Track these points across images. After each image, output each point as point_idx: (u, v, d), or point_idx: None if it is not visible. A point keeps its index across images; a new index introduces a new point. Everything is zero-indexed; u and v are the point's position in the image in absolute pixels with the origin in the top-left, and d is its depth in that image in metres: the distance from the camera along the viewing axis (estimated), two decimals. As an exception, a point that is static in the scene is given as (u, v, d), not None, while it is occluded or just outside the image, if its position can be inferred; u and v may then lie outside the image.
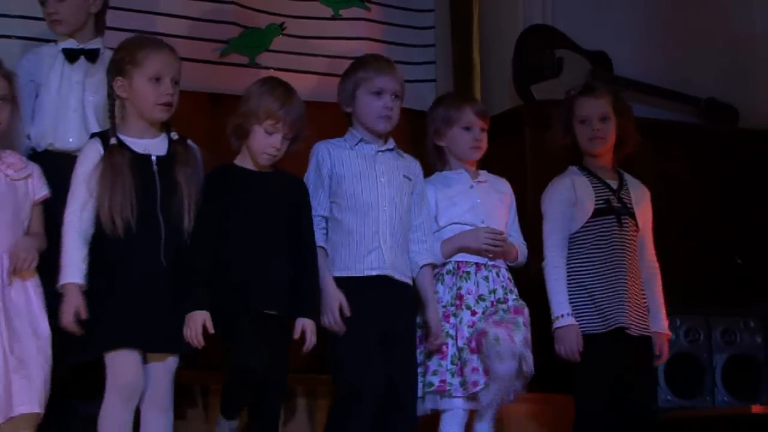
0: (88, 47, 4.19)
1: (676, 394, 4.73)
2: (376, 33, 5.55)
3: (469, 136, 4.27)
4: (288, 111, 3.87)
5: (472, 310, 4.13)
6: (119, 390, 3.69)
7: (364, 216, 4.01)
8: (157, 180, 3.79)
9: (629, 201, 4.41)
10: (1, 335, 3.62)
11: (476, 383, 4.04)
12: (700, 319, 4.78)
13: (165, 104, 3.79)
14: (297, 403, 4.23)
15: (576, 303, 4.28)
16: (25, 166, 3.80)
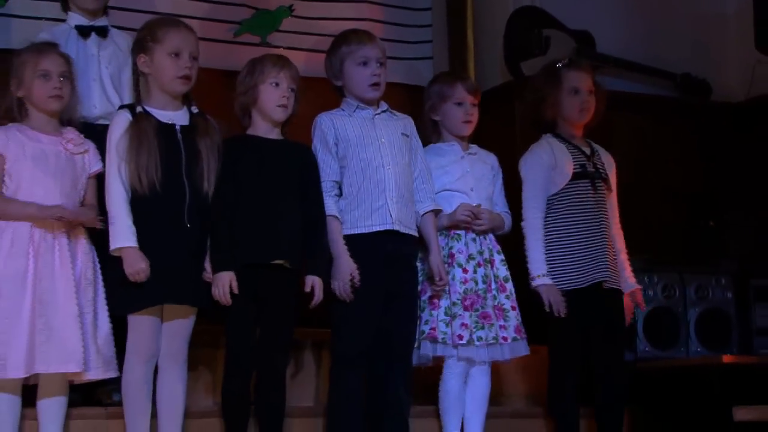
0: (97, 24, 4.19)
1: (654, 345, 4.71)
2: (377, 14, 5.56)
3: (461, 111, 4.26)
4: (283, 63, 3.96)
5: (463, 268, 4.16)
6: (139, 352, 3.73)
7: (370, 175, 4.02)
8: (181, 146, 3.81)
9: (602, 166, 4.41)
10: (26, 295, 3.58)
11: (461, 336, 4.07)
12: (676, 277, 4.77)
13: (184, 77, 3.81)
14: (305, 354, 4.21)
15: (556, 260, 4.28)
16: (83, 142, 3.80)
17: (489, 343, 4.11)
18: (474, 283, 4.14)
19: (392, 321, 4.00)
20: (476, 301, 4.12)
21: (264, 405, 3.89)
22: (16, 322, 3.56)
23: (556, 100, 4.36)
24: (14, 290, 3.58)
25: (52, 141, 3.74)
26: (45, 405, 3.65)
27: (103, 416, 3.84)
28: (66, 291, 3.61)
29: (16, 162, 3.68)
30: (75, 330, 3.58)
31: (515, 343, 4.16)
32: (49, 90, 3.73)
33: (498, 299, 4.17)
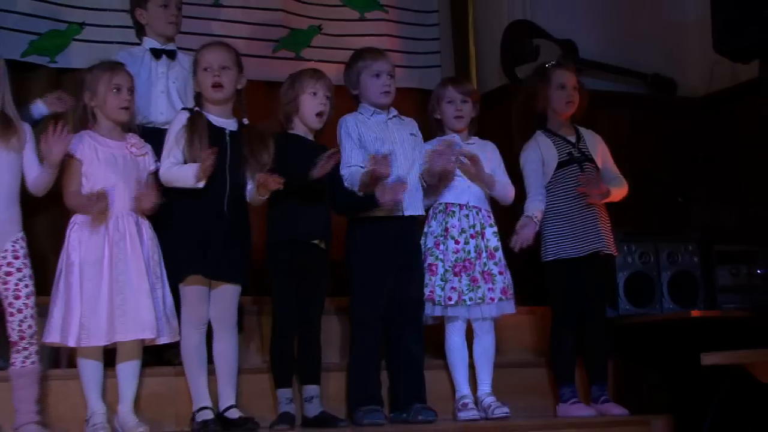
0: (167, 48, 4.22)
1: (633, 304, 4.70)
2: (393, 30, 5.54)
3: (452, 108, 4.26)
4: (319, 75, 4.01)
5: (455, 240, 4.16)
6: (191, 320, 3.76)
7: None
8: (228, 147, 3.81)
9: (587, 150, 4.43)
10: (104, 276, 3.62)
11: (450, 298, 4.11)
12: (651, 245, 4.75)
13: (215, 85, 3.81)
14: (329, 319, 4.20)
15: (556, 235, 4.31)
16: (143, 145, 3.83)
17: (477, 303, 4.13)
18: (465, 252, 4.16)
19: (403, 288, 4.04)
20: (467, 267, 4.14)
21: (305, 360, 3.93)
22: (98, 299, 3.58)
23: (546, 95, 4.39)
24: (94, 273, 3.61)
25: (119, 145, 3.77)
26: (123, 367, 3.68)
27: (172, 374, 3.86)
28: (138, 271, 3.64)
29: (91, 165, 3.71)
30: (148, 304, 3.62)
31: (501, 302, 4.17)
32: (120, 102, 3.75)
33: (487, 266, 4.17)
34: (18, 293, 3.58)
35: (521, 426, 4.02)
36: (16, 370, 3.57)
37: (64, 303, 3.60)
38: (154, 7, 4.20)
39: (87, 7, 4.85)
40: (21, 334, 3.57)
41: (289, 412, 3.84)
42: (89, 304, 3.58)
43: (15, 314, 3.57)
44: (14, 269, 3.58)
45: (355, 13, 5.49)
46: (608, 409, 4.24)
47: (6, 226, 3.60)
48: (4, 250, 3.58)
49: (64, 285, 3.61)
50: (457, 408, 4.15)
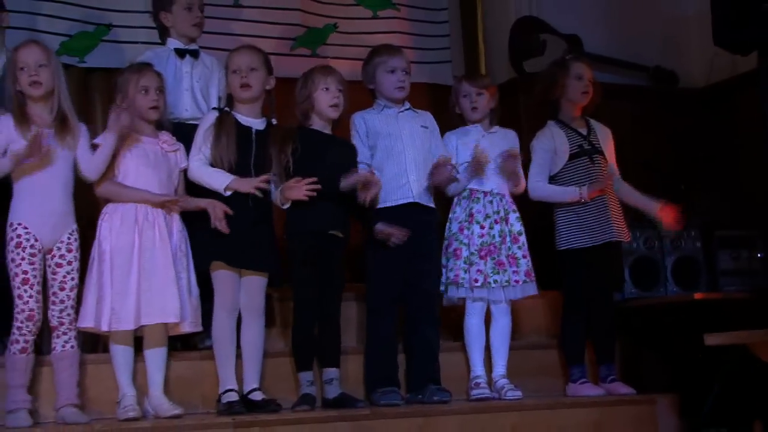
0: (190, 48, 4.21)
1: (638, 287, 4.68)
2: (404, 28, 5.53)
3: (468, 101, 4.26)
4: (329, 71, 3.99)
5: (480, 224, 4.16)
6: (224, 305, 3.76)
7: (395, 159, 4.05)
8: (253, 144, 3.83)
9: (597, 142, 4.40)
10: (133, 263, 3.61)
11: (477, 280, 4.10)
12: (655, 232, 4.73)
13: (243, 86, 3.83)
14: (349, 304, 4.19)
15: (568, 225, 4.30)
16: (175, 143, 3.82)
17: (503, 285, 4.13)
18: (490, 237, 4.15)
19: (417, 276, 4.04)
20: (492, 251, 4.14)
21: (325, 344, 3.93)
22: (127, 286, 3.59)
23: (564, 83, 4.38)
24: (124, 260, 3.61)
25: (151, 142, 3.77)
26: (150, 354, 3.69)
27: (198, 358, 3.88)
28: (164, 260, 3.64)
29: (124, 159, 3.71)
30: (173, 290, 3.61)
31: (525, 285, 4.18)
32: (149, 102, 3.75)
33: (511, 249, 4.17)
34: (64, 285, 3.59)
35: (532, 404, 4.00)
36: (56, 354, 3.59)
37: (96, 290, 3.60)
38: (179, 10, 4.19)
39: (114, 9, 4.88)
40: (60, 320, 3.59)
41: (309, 394, 3.84)
42: (119, 290, 3.59)
43: (57, 303, 3.59)
44: (65, 262, 3.60)
45: (368, 11, 5.48)
46: (616, 388, 4.23)
47: (64, 218, 3.61)
48: (59, 242, 3.59)
49: (97, 272, 3.62)
50: (470, 387, 4.15)
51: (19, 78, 3.56)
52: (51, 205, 3.57)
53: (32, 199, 3.55)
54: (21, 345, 3.51)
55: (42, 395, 3.62)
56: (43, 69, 3.57)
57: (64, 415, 3.53)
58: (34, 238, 3.53)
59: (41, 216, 3.55)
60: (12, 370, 3.50)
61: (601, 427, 3.98)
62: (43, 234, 3.55)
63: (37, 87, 3.56)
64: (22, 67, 3.56)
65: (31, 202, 3.55)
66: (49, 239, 3.57)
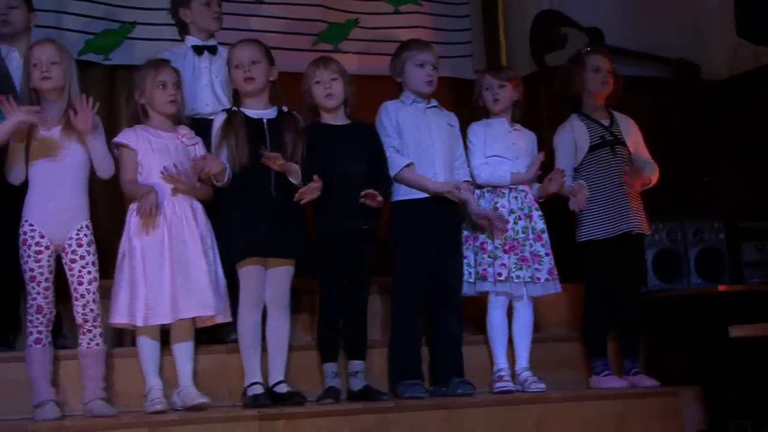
0: (208, 44, 4.22)
1: (661, 280, 4.66)
2: (426, 22, 5.51)
3: (490, 93, 4.26)
4: (319, 62, 3.98)
5: (505, 219, 4.13)
6: (249, 299, 3.76)
7: (422, 153, 4.04)
8: (267, 135, 3.82)
9: (620, 133, 4.38)
10: (165, 258, 3.63)
11: (500, 275, 4.10)
12: (678, 224, 4.71)
13: (246, 79, 3.84)
14: (373, 298, 4.19)
15: (590, 215, 4.26)
16: (193, 137, 3.84)
17: (526, 282, 4.13)
18: (514, 232, 4.14)
19: (441, 269, 4.03)
20: (516, 246, 4.13)
21: (351, 337, 3.93)
22: (161, 280, 3.60)
23: (582, 78, 4.37)
24: (156, 255, 3.62)
25: (170, 136, 3.78)
26: (178, 347, 3.70)
27: (224, 351, 3.88)
28: (196, 253, 3.65)
29: (145, 155, 3.72)
30: (207, 283, 3.63)
31: (547, 282, 4.17)
32: (167, 96, 3.77)
33: (534, 247, 4.16)
34: (81, 279, 3.60)
35: (555, 397, 3.99)
36: (82, 351, 3.61)
37: (128, 286, 3.62)
38: (197, 6, 4.20)
39: (138, 7, 4.91)
40: (85, 317, 3.60)
41: (334, 387, 3.85)
42: (153, 285, 3.60)
43: (79, 299, 3.60)
44: (78, 257, 3.60)
45: (390, 6, 5.47)
46: (639, 381, 4.21)
47: (73, 214, 3.62)
48: (69, 238, 3.60)
49: (128, 269, 3.63)
50: (493, 380, 4.14)
51: (32, 74, 3.58)
52: (56, 201, 3.58)
53: (41, 196, 3.57)
54: (35, 336, 3.53)
55: (69, 389, 3.65)
56: (55, 66, 3.59)
57: (92, 408, 3.55)
58: (39, 234, 3.55)
59: (46, 213, 3.56)
60: (30, 362, 3.54)
61: (625, 419, 3.96)
62: (49, 231, 3.56)
63: (47, 81, 3.58)
64: (35, 64, 3.58)
65: (37, 199, 3.57)
66: (56, 236, 3.58)
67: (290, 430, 3.50)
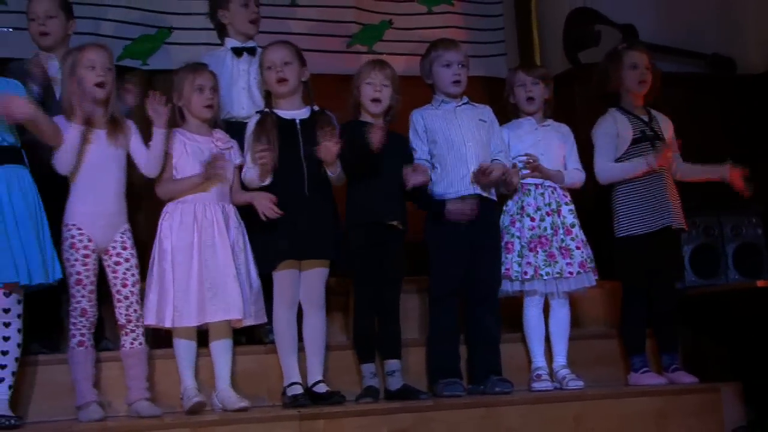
0: (248, 45, 4.22)
1: (699, 276, 4.62)
2: (459, 22, 5.50)
3: (523, 91, 4.22)
4: (375, 65, 4.02)
5: (531, 217, 4.12)
6: (283, 300, 3.76)
7: (455, 152, 4.02)
8: (299, 135, 3.81)
9: (659, 130, 4.33)
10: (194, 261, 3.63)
11: (526, 273, 4.07)
12: (715, 219, 4.67)
13: (279, 80, 3.83)
14: (409, 297, 4.19)
15: (629, 210, 4.23)
16: (228, 140, 3.84)
17: (555, 277, 4.08)
18: (541, 229, 4.11)
19: (479, 267, 4.01)
20: (543, 243, 4.09)
21: (386, 337, 3.92)
22: (188, 283, 3.62)
23: (619, 76, 4.31)
24: (185, 258, 3.64)
25: (205, 140, 3.80)
26: (215, 346, 3.71)
27: (263, 351, 3.89)
28: (225, 256, 3.65)
29: (180, 158, 3.74)
30: (235, 287, 3.63)
31: (579, 276, 4.12)
32: (204, 100, 3.78)
33: (564, 242, 4.12)
34: (125, 281, 3.63)
35: (595, 394, 3.95)
36: (125, 351, 3.64)
37: (158, 287, 3.64)
38: (236, 7, 4.22)
39: (175, 12, 4.94)
40: (128, 317, 3.63)
41: (373, 386, 3.85)
42: (181, 288, 3.62)
43: (122, 301, 3.63)
44: (122, 259, 3.63)
45: (423, 7, 5.47)
46: (679, 377, 4.17)
47: (116, 218, 3.65)
48: (113, 241, 3.62)
49: (158, 271, 3.66)
50: (532, 379, 4.12)
51: (85, 76, 3.59)
52: (103, 205, 3.61)
53: (85, 200, 3.60)
54: (78, 339, 3.56)
55: (112, 390, 3.67)
56: (110, 72, 3.62)
57: (138, 408, 3.57)
58: (87, 239, 3.58)
59: (94, 217, 3.59)
60: (73, 364, 3.56)
61: (665, 416, 3.92)
62: (96, 234, 3.59)
63: (102, 88, 3.60)
64: (93, 66, 3.59)
65: (84, 203, 3.60)
66: (102, 239, 3.61)
67: (330, 429, 3.50)
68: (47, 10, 3.92)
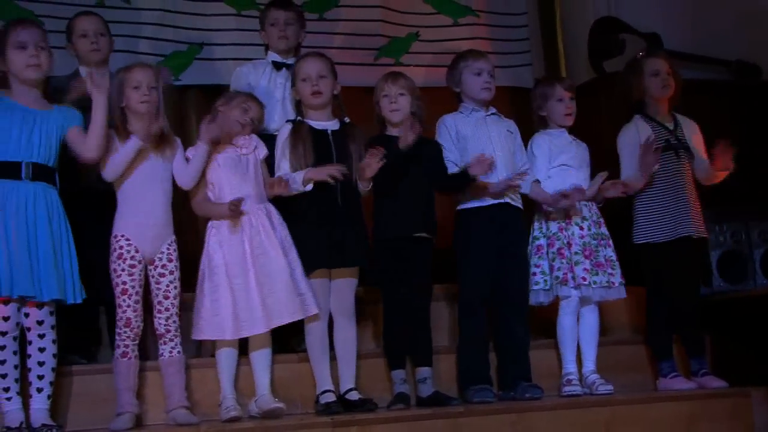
0: (287, 61, 4.26)
1: (727, 281, 4.60)
2: (485, 33, 5.52)
3: (563, 106, 4.21)
4: (389, 77, 4.01)
5: (580, 226, 4.13)
6: None
7: None
8: (332, 146, 3.85)
9: (683, 137, 4.31)
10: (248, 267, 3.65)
11: (585, 279, 4.07)
12: (742, 225, 4.65)
13: (314, 93, 3.86)
14: (440, 305, 4.22)
15: (649, 218, 4.22)
16: (248, 141, 3.85)
17: (602, 286, 4.09)
18: (591, 238, 4.12)
19: (506, 275, 4.01)
20: (592, 252, 4.10)
21: (416, 344, 3.92)
22: (248, 292, 3.63)
23: (641, 84, 4.30)
24: (241, 270, 3.65)
25: (232, 149, 3.81)
26: (256, 356, 3.73)
27: (296, 360, 3.90)
28: (278, 261, 3.67)
29: (214, 171, 3.78)
30: (292, 289, 3.66)
31: (621, 287, 4.14)
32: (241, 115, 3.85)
33: (606, 252, 4.13)
34: (167, 293, 3.66)
35: (625, 399, 3.94)
36: (164, 360, 3.66)
37: (210, 303, 3.65)
38: (267, 26, 4.30)
39: (206, 29, 4.98)
40: (167, 327, 3.66)
41: (403, 392, 3.85)
42: (242, 298, 3.62)
43: (162, 312, 3.66)
44: (167, 271, 3.67)
45: (449, 19, 5.49)
46: (708, 382, 4.14)
47: (163, 230, 3.68)
48: (160, 252, 3.67)
49: (209, 286, 3.67)
50: (562, 384, 4.11)
51: (130, 95, 3.65)
52: (151, 217, 3.65)
53: (134, 211, 3.64)
54: (122, 350, 3.60)
55: (150, 399, 3.70)
56: (154, 90, 3.68)
57: (175, 416, 3.61)
58: (135, 249, 3.62)
59: (142, 228, 3.63)
60: (116, 373, 3.60)
61: (695, 420, 3.91)
62: (143, 245, 3.63)
63: (147, 105, 3.66)
64: (137, 86, 3.65)
65: (132, 214, 3.64)
66: (149, 250, 3.65)
67: (362, 436, 3.52)
68: (98, 29, 4.05)
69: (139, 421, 3.62)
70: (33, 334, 3.43)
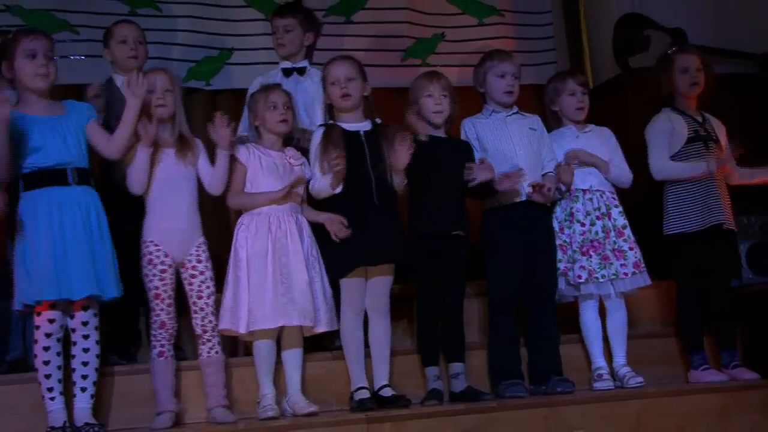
0: (297, 66, 4.29)
1: (756, 273, 4.57)
2: (510, 32, 5.53)
3: (574, 100, 4.20)
4: (432, 77, 4.02)
5: (581, 223, 4.11)
6: (351, 307, 3.79)
7: (506, 162, 4.02)
8: (365, 146, 3.86)
9: (713, 131, 4.29)
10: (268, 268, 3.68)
11: (580, 277, 4.06)
12: (772, 217, 4.62)
13: (343, 96, 3.87)
14: (470, 301, 4.21)
15: (680, 208, 4.21)
16: (300, 158, 3.88)
17: (611, 279, 4.07)
18: (592, 233, 4.09)
19: (535, 271, 4.01)
20: (597, 246, 4.08)
21: (449, 340, 3.94)
22: (263, 288, 3.66)
23: (671, 80, 4.29)
24: (260, 265, 3.68)
25: (279, 156, 3.85)
26: (287, 355, 3.75)
27: (330, 358, 3.92)
28: (297, 265, 3.69)
29: (255, 171, 3.80)
30: (307, 295, 3.67)
31: (634, 276, 4.10)
32: (277, 116, 3.84)
33: (617, 243, 4.10)
34: (201, 293, 3.71)
35: (656, 392, 3.93)
36: (203, 360, 3.71)
37: (232, 294, 3.70)
38: (272, 35, 4.35)
39: (235, 34, 5.02)
40: (204, 328, 3.70)
41: (437, 389, 3.86)
42: (256, 293, 3.66)
43: (198, 312, 3.70)
44: (198, 272, 3.71)
45: (474, 19, 5.50)
46: (740, 374, 4.12)
47: (190, 233, 3.72)
48: (189, 255, 3.71)
49: (233, 278, 3.72)
50: (593, 379, 4.11)
51: (147, 99, 3.68)
52: (178, 222, 3.69)
53: (160, 216, 3.68)
54: (158, 350, 3.64)
55: (190, 398, 3.75)
56: (169, 94, 3.72)
57: (215, 415, 3.65)
58: (164, 254, 3.66)
59: (169, 233, 3.67)
60: (154, 373, 3.65)
61: (727, 412, 3.89)
62: (172, 250, 3.67)
63: (161, 109, 3.71)
64: (152, 90, 3.70)
65: (159, 220, 3.68)
66: (178, 254, 3.69)
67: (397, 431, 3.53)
68: (137, 36, 4.12)
69: (178, 420, 3.67)
70: (78, 335, 3.49)
